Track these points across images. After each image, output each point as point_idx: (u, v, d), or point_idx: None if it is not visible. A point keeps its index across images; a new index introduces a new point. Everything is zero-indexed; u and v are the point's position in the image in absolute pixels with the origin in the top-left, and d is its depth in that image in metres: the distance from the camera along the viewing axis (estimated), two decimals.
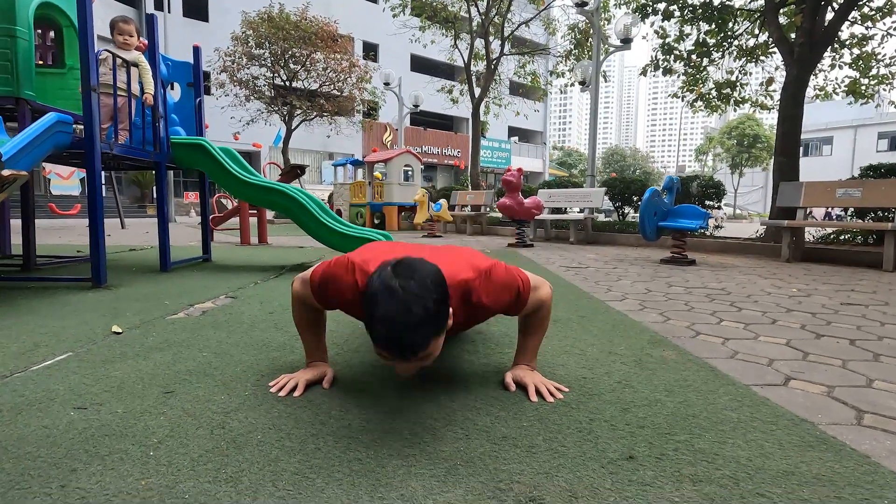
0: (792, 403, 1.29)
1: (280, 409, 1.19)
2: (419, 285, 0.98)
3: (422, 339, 0.98)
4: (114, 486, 0.86)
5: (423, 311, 0.96)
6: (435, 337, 1.01)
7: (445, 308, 1.03)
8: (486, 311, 1.27)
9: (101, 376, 1.40)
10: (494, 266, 1.25)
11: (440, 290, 1.01)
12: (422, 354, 1.01)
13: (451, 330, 1.24)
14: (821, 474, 0.93)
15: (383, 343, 0.99)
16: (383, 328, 0.96)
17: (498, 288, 1.23)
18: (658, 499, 0.84)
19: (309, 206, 3.58)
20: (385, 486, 0.87)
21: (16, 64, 3.09)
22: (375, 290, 0.99)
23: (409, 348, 0.98)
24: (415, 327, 0.96)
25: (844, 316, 2.40)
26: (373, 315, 0.98)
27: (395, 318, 0.95)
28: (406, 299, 0.96)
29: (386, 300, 0.96)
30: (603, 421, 1.15)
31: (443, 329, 1.04)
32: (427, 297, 0.97)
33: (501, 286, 1.24)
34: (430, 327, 0.98)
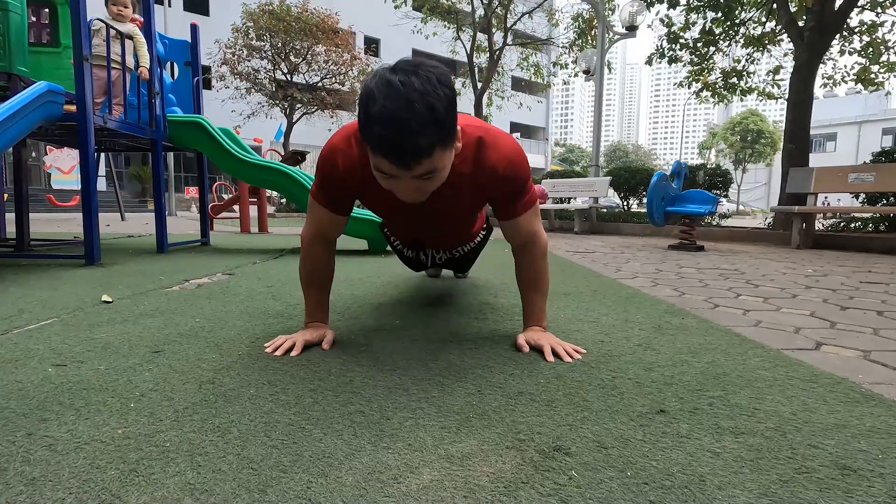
0: (828, 365, 1.19)
1: (275, 368, 1.09)
2: (423, 81, 0.84)
3: (426, 140, 0.84)
4: (87, 434, 0.77)
5: (427, 109, 0.82)
6: (440, 145, 0.88)
7: (453, 112, 0.89)
8: (490, 183, 1.11)
9: (86, 338, 1.31)
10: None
11: (447, 89, 0.87)
12: (426, 163, 0.87)
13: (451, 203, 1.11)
14: (875, 427, 0.83)
15: (380, 144, 0.85)
16: (380, 127, 0.83)
17: (510, 154, 1.09)
18: (698, 450, 0.75)
19: (308, 186, 3.49)
20: (390, 437, 0.78)
21: (8, 38, 2.99)
22: (373, 86, 0.85)
23: (412, 150, 0.84)
24: (418, 124, 0.82)
25: (866, 292, 2.30)
26: (368, 113, 0.84)
27: (395, 113, 0.82)
28: (407, 94, 0.82)
29: (385, 96, 0.83)
30: (627, 378, 1.06)
31: (450, 138, 0.90)
32: (432, 93, 0.84)
33: (512, 156, 1.09)
34: (434, 128, 0.84)
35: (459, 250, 1.73)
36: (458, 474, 0.67)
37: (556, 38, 14.22)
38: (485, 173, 1.10)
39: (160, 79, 3.61)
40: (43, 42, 3.64)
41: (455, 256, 1.77)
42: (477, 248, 1.78)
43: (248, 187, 6.55)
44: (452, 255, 1.76)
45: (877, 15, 7.02)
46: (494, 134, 1.11)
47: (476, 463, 0.70)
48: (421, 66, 0.87)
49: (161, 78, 3.66)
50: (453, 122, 0.90)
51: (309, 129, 19.34)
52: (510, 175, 1.11)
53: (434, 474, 0.67)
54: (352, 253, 3.54)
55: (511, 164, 1.11)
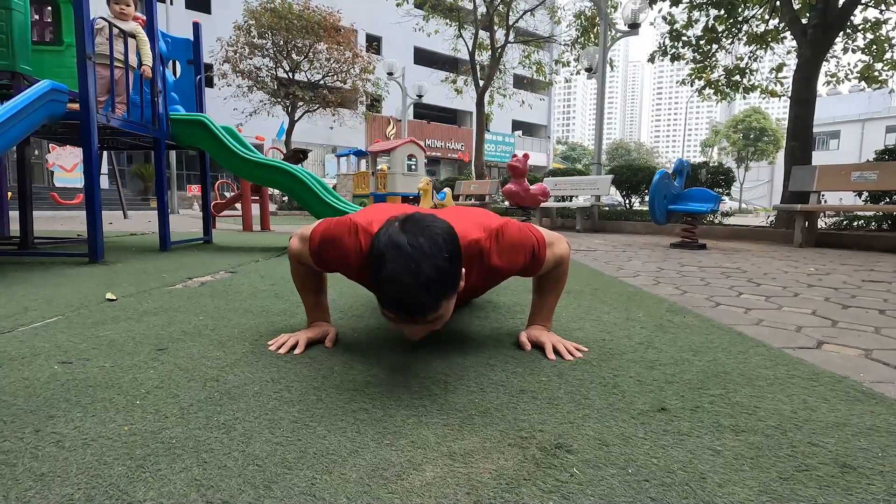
0: (829, 364, 1.20)
1: (279, 366, 1.10)
2: (429, 242, 0.89)
3: (432, 299, 0.90)
4: (93, 431, 0.78)
5: (433, 270, 0.88)
6: (446, 298, 0.92)
7: (457, 267, 0.94)
8: (500, 274, 1.17)
9: (91, 336, 1.32)
10: (506, 224, 1.14)
11: (452, 247, 0.92)
12: (431, 316, 0.92)
13: (462, 295, 1.15)
14: (875, 425, 0.84)
15: (391, 304, 0.90)
16: (391, 288, 0.88)
17: (511, 248, 1.13)
18: (698, 448, 0.75)
19: (310, 184, 3.50)
20: (393, 434, 0.79)
21: (11, 37, 3.00)
22: (382, 247, 0.90)
23: (419, 309, 0.90)
24: (425, 287, 0.87)
25: (868, 291, 2.30)
26: (379, 274, 0.89)
27: (404, 277, 0.87)
28: (415, 257, 0.87)
29: (394, 258, 0.88)
30: (628, 377, 1.06)
31: (454, 289, 0.95)
32: (438, 254, 0.89)
33: (515, 246, 1.13)
34: (440, 287, 0.90)
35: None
36: (461, 471, 0.68)
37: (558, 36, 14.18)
38: (493, 273, 1.15)
39: (163, 77, 3.61)
40: (46, 40, 3.65)
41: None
42: None
43: (250, 185, 6.56)
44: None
45: (880, 12, 6.99)
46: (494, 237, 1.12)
47: (478, 460, 0.71)
48: (427, 228, 0.92)
49: (163, 76, 3.66)
50: (458, 275, 0.95)
51: (311, 127, 19.37)
52: (517, 266, 1.16)
53: (437, 471, 0.68)
54: None
55: (513, 262, 1.14)
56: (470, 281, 1.13)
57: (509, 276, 1.21)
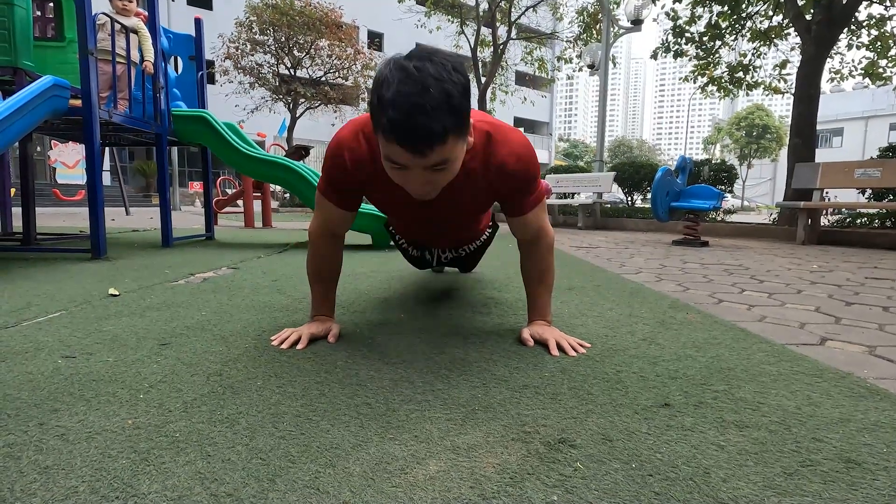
0: (833, 360, 1.20)
1: (282, 360, 1.10)
2: (437, 67, 0.84)
3: (440, 125, 0.83)
4: (97, 424, 0.78)
5: (442, 94, 0.82)
6: (454, 132, 0.86)
7: (468, 98, 0.88)
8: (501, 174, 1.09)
9: (94, 331, 1.32)
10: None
11: (461, 77, 0.86)
12: (439, 151, 0.86)
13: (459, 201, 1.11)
14: (880, 421, 0.84)
15: (394, 129, 0.83)
16: (395, 111, 0.81)
17: (519, 149, 1.08)
18: (702, 443, 0.75)
19: (312, 180, 3.49)
20: (397, 429, 0.79)
21: (13, 33, 3.00)
22: (386, 72, 0.84)
23: (426, 135, 0.83)
24: (433, 109, 0.81)
25: (872, 288, 2.29)
26: (382, 98, 0.83)
27: (410, 98, 0.81)
28: (422, 79, 0.81)
29: (399, 81, 0.82)
30: (631, 372, 1.06)
31: (464, 127, 0.90)
32: (447, 79, 0.83)
33: (523, 147, 1.09)
34: (449, 114, 0.84)
35: (465, 249, 1.73)
36: (464, 465, 0.68)
37: (560, 33, 14.14)
38: (494, 169, 1.09)
39: (164, 73, 3.61)
40: (48, 36, 3.65)
41: (461, 255, 1.77)
42: (483, 246, 1.78)
43: (251, 182, 6.56)
44: (458, 253, 1.76)
45: (885, 9, 6.95)
46: (504, 129, 1.11)
47: (482, 454, 0.71)
48: (436, 54, 0.87)
49: (165, 72, 3.66)
50: (467, 111, 0.89)
51: (312, 123, 19.35)
52: (519, 171, 1.10)
53: (440, 465, 0.68)
54: (356, 247, 3.55)
55: (520, 160, 1.10)
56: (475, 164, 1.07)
57: (508, 187, 1.13)
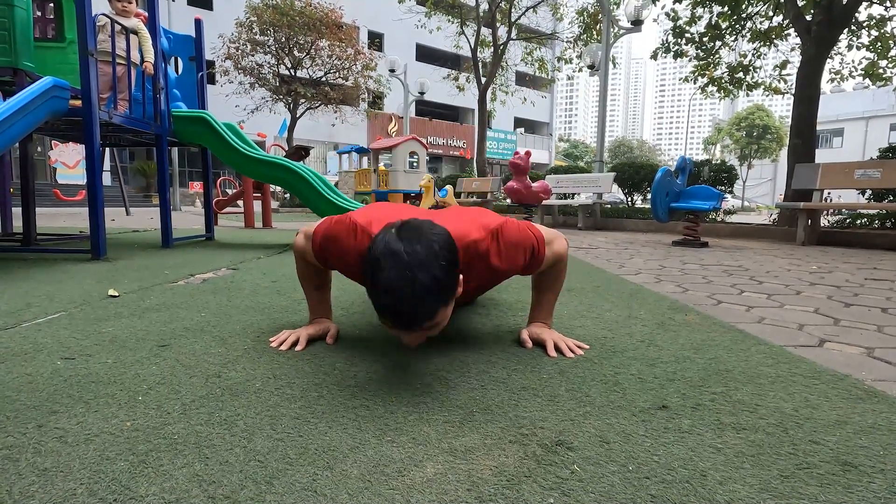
0: (831, 362, 1.20)
1: (281, 362, 1.11)
2: (426, 250, 0.88)
3: (428, 309, 0.89)
4: (96, 426, 0.78)
5: (429, 280, 0.87)
6: (442, 306, 0.92)
7: (454, 275, 0.93)
8: (500, 274, 1.17)
9: (93, 332, 1.32)
10: (505, 224, 1.13)
11: (448, 255, 0.91)
12: (428, 325, 0.92)
13: (462, 297, 1.14)
14: (877, 424, 0.84)
15: (387, 313, 0.90)
16: (387, 297, 0.88)
17: (511, 247, 1.12)
18: (699, 445, 0.75)
19: (312, 181, 3.50)
20: (395, 431, 0.79)
21: (13, 34, 3.00)
22: (378, 255, 0.89)
23: (415, 319, 0.89)
24: (421, 297, 0.87)
25: (871, 289, 2.29)
26: (376, 283, 0.89)
27: (400, 286, 0.86)
28: (411, 266, 0.86)
29: (389, 267, 0.87)
30: (629, 374, 1.06)
31: (451, 297, 0.94)
32: (434, 263, 0.88)
33: (514, 245, 1.13)
34: (437, 296, 0.89)
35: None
36: (462, 468, 0.68)
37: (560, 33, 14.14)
38: (492, 274, 1.15)
39: (165, 74, 3.61)
40: (48, 37, 3.65)
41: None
42: None
43: (251, 182, 6.56)
44: None
45: (885, 9, 6.95)
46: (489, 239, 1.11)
47: (479, 457, 0.71)
48: (423, 235, 0.91)
49: (165, 73, 3.66)
50: (455, 283, 0.94)
51: (313, 124, 19.36)
52: (517, 266, 1.15)
53: (438, 468, 0.68)
54: None
55: (513, 261, 1.13)
56: (470, 283, 1.12)
57: (510, 275, 1.20)
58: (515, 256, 1.13)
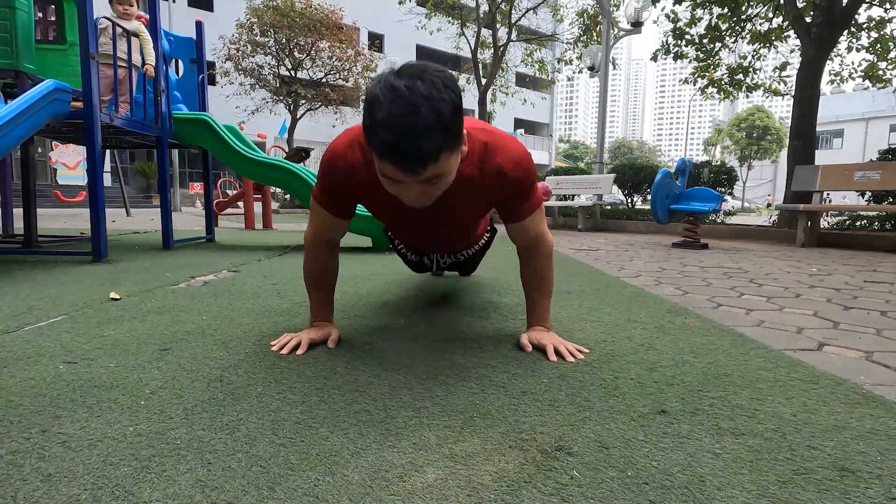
0: (830, 366, 1.20)
1: (282, 366, 1.11)
2: (428, 86, 0.84)
3: (432, 145, 0.84)
4: (99, 431, 0.79)
5: (433, 113, 0.82)
6: (447, 150, 0.88)
7: (459, 117, 0.89)
8: (500, 181, 1.10)
9: (95, 335, 1.33)
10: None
11: (453, 94, 0.87)
12: (432, 168, 0.87)
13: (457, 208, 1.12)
14: (875, 429, 0.84)
15: (387, 150, 0.85)
16: (387, 133, 0.83)
17: (516, 156, 1.09)
18: (698, 451, 0.76)
19: (311, 182, 3.50)
20: (395, 436, 0.79)
21: (15, 36, 3.01)
22: (378, 91, 0.84)
23: (418, 155, 0.84)
24: (424, 130, 0.82)
25: (870, 292, 2.30)
26: (374, 119, 0.84)
27: (401, 118, 0.82)
28: (413, 100, 0.82)
29: (389, 102, 0.82)
30: (629, 379, 1.07)
31: (457, 143, 0.91)
32: (437, 98, 0.83)
33: (520, 156, 1.10)
34: (441, 133, 0.84)
35: (464, 253, 1.74)
36: (462, 473, 0.69)
37: (560, 34, 14.15)
38: (491, 176, 1.09)
39: (166, 76, 3.62)
40: (49, 39, 3.66)
41: (459, 260, 1.78)
42: (481, 250, 1.79)
43: (252, 184, 6.57)
44: (457, 258, 1.77)
45: (885, 11, 6.96)
46: (501, 137, 1.12)
47: (479, 462, 0.72)
48: (426, 71, 0.87)
49: (167, 75, 3.67)
50: (460, 126, 0.90)
51: (313, 125, 19.37)
52: (517, 177, 1.11)
53: (438, 473, 0.69)
54: (356, 250, 3.56)
55: (518, 166, 1.10)
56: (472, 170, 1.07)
57: (505, 194, 1.14)
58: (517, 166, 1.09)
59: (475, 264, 1.91)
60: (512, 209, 1.20)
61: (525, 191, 1.16)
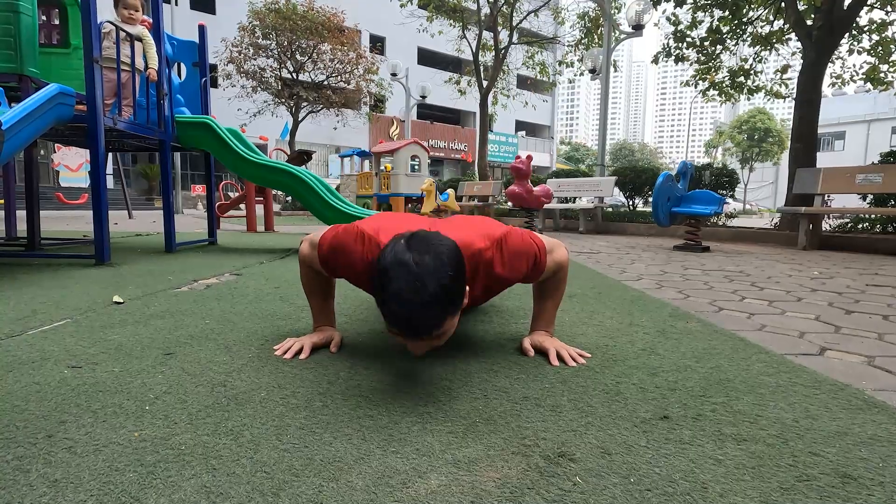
0: (832, 371, 1.20)
1: (285, 371, 1.12)
2: (434, 261, 0.92)
3: (436, 317, 0.92)
4: (104, 437, 0.79)
5: (438, 289, 0.90)
6: (450, 315, 0.95)
7: (462, 285, 0.97)
8: (503, 283, 1.20)
9: (99, 339, 1.34)
10: (509, 233, 1.17)
11: (456, 266, 0.95)
12: (436, 334, 0.95)
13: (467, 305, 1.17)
14: (877, 435, 0.84)
15: (395, 321, 0.93)
16: (396, 306, 0.91)
17: (514, 256, 1.15)
18: (700, 457, 0.76)
19: (314, 186, 3.51)
20: (399, 441, 0.80)
21: (19, 40, 3.03)
22: (388, 265, 0.92)
23: (423, 327, 0.93)
24: (429, 306, 0.90)
25: (872, 295, 2.30)
26: (385, 292, 0.92)
27: (409, 295, 0.89)
28: (420, 276, 0.89)
29: (399, 276, 0.90)
30: (631, 384, 1.07)
31: (458, 307, 0.97)
32: (442, 273, 0.91)
33: (517, 254, 1.16)
34: (445, 306, 0.92)
35: None
36: (465, 479, 0.69)
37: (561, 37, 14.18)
38: (496, 282, 1.18)
39: (168, 80, 3.64)
40: (53, 43, 3.68)
41: None
42: None
43: (254, 186, 6.58)
44: None
45: (886, 14, 6.96)
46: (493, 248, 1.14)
47: (482, 468, 0.72)
48: (432, 246, 0.94)
49: (169, 79, 3.69)
50: (462, 292, 0.97)
51: (314, 127, 19.38)
52: (519, 274, 1.18)
53: (442, 479, 0.69)
54: None
55: (516, 270, 1.16)
56: (474, 291, 1.15)
57: (512, 284, 1.23)
58: (518, 265, 1.16)
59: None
60: (528, 281, 1.26)
61: (531, 270, 1.20)
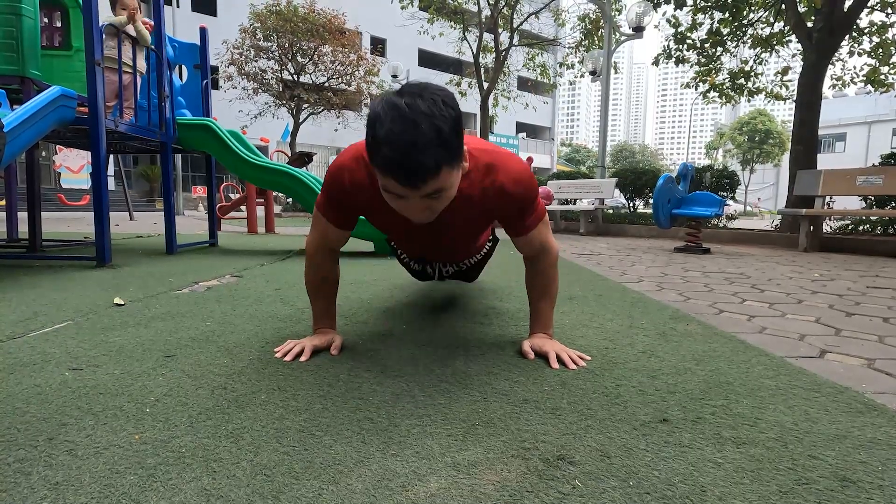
0: (832, 373, 1.20)
1: (285, 373, 1.12)
2: (428, 104, 0.86)
3: (432, 160, 0.86)
4: (105, 439, 0.79)
5: (433, 130, 0.85)
6: (447, 164, 0.90)
7: (459, 131, 0.91)
8: (500, 199, 1.12)
9: (100, 342, 1.34)
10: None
11: (453, 111, 0.89)
12: (433, 182, 0.89)
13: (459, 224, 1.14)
14: (876, 438, 0.85)
15: (388, 165, 0.87)
16: (388, 148, 0.85)
17: (518, 175, 1.11)
18: (700, 460, 0.76)
19: (314, 187, 3.52)
20: (398, 444, 0.80)
21: (21, 42, 3.04)
22: (379, 110, 0.87)
23: (418, 170, 0.86)
24: (424, 145, 0.85)
25: (873, 297, 2.29)
26: (376, 136, 0.86)
27: (402, 135, 0.84)
28: (414, 117, 0.85)
29: (391, 119, 0.85)
30: (630, 387, 1.07)
31: (456, 158, 0.93)
32: (437, 114, 0.86)
33: (521, 173, 1.12)
34: (441, 148, 0.87)
35: (466, 262, 1.75)
36: (465, 482, 0.69)
37: (562, 39, 14.20)
38: (493, 194, 1.12)
39: (170, 82, 3.65)
40: (55, 45, 3.69)
41: (462, 268, 1.79)
42: (484, 259, 1.80)
43: (255, 188, 6.59)
44: (459, 267, 1.78)
45: (887, 15, 6.97)
46: (502, 156, 1.14)
47: (482, 471, 0.72)
48: (426, 89, 0.89)
49: (171, 81, 3.70)
50: (459, 143, 0.92)
51: (315, 129, 19.43)
52: (518, 194, 1.13)
53: (441, 482, 0.69)
54: (359, 255, 3.57)
55: (518, 184, 1.13)
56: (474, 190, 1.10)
57: (507, 210, 1.17)
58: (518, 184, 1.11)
59: (478, 271, 1.92)
60: (516, 224, 1.22)
61: (527, 206, 1.19)
